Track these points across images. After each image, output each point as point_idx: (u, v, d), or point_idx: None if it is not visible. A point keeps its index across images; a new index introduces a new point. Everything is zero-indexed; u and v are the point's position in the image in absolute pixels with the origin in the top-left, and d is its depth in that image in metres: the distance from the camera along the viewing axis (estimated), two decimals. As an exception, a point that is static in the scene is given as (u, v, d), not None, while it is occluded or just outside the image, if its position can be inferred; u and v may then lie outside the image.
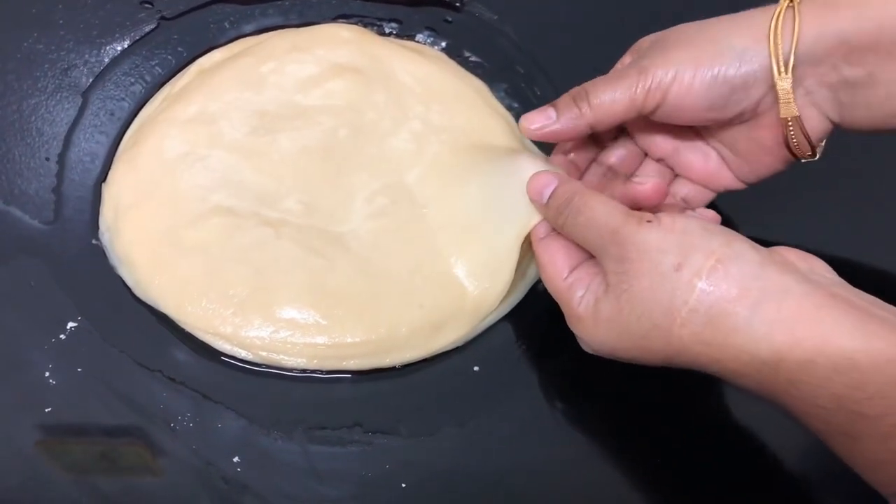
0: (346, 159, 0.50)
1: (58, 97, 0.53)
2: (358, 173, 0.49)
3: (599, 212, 0.39)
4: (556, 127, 0.43)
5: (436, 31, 0.57)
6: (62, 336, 0.46)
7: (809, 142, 0.42)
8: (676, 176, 0.48)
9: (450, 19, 0.57)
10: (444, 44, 0.56)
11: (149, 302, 0.47)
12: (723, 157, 0.46)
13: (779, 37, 0.40)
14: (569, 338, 0.41)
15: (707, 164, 0.46)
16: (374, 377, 0.45)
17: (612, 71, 0.45)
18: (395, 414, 0.45)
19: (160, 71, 0.54)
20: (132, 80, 0.54)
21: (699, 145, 0.46)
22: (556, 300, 0.41)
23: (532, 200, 0.43)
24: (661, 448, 0.45)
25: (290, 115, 0.51)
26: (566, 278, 0.41)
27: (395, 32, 0.57)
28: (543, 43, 0.57)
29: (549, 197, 0.42)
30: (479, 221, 0.46)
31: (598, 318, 0.39)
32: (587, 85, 0.43)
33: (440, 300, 0.46)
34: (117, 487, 0.42)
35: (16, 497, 0.41)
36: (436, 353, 0.46)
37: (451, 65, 0.55)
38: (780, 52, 0.40)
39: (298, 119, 0.51)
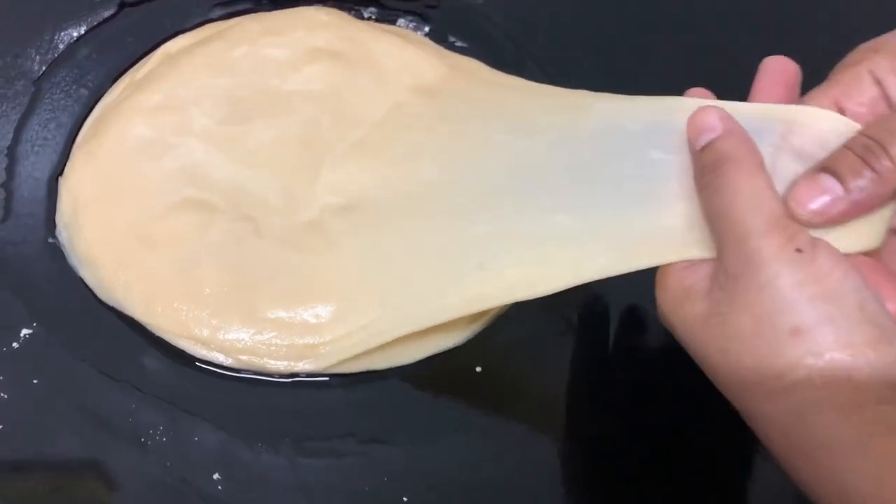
0: (330, 149, 0.46)
1: (7, 87, 0.49)
2: (342, 164, 0.46)
3: (741, 202, 0.30)
4: (844, 206, 0.30)
5: (418, 16, 0.53)
6: (14, 345, 0.41)
7: None
8: None
9: (433, 4, 0.54)
10: (427, 29, 0.53)
11: (114, 305, 0.42)
12: None
13: None
14: (577, 331, 0.38)
15: None
16: (367, 380, 0.41)
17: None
18: (392, 421, 0.41)
19: (121, 58, 0.50)
20: (90, 67, 0.50)
21: None
22: None
23: (689, 138, 0.33)
24: (678, 445, 0.41)
25: (266, 101, 0.47)
26: None
27: (374, 17, 0.53)
28: (532, 28, 0.54)
29: (704, 149, 0.32)
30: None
31: (687, 309, 0.31)
32: (875, 130, 0.31)
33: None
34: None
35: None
36: (434, 354, 0.42)
37: (437, 48, 0.52)
38: None
39: (276, 106, 0.47)
